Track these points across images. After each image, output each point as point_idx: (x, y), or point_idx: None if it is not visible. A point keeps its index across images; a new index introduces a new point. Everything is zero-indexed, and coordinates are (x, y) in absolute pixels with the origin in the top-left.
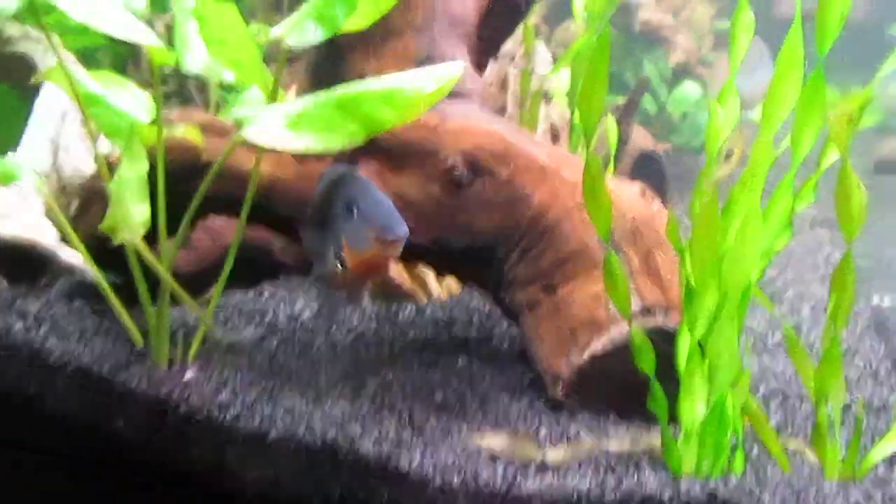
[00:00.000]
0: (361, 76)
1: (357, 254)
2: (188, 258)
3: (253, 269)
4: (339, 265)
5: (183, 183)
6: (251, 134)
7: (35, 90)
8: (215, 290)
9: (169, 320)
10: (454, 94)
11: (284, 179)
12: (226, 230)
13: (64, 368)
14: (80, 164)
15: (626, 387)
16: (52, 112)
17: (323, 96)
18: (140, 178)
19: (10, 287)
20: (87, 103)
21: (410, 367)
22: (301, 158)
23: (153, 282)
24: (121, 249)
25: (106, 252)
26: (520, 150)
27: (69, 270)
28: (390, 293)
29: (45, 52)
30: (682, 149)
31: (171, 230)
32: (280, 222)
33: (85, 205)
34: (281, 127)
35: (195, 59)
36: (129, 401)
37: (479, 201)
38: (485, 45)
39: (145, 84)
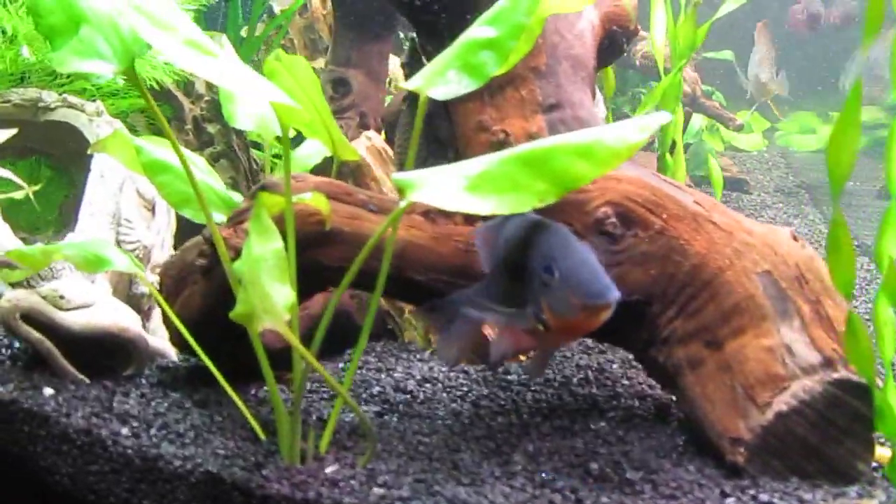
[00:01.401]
0: (480, 128)
1: (560, 318)
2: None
3: (340, 336)
4: (540, 326)
5: (307, 252)
6: (425, 196)
7: (74, 156)
8: (352, 361)
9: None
10: None
11: (418, 243)
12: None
13: (187, 477)
14: (142, 236)
15: (807, 447)
16: (108, 184)
17: (503, 154)
18: (277, 254)
19: (95, 381)
20: (152, 172)
21: (547, 435)
22: (434, 219)
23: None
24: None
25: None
26: (669, 196)
27: (153, 357)
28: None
29: (87, 119)
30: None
31: None
32: (412, 289)
33: (179, 284)
34: (459, 189)
35: (247, 114)
36: None
37: (633, 254)
38: None
39: (191, 146)
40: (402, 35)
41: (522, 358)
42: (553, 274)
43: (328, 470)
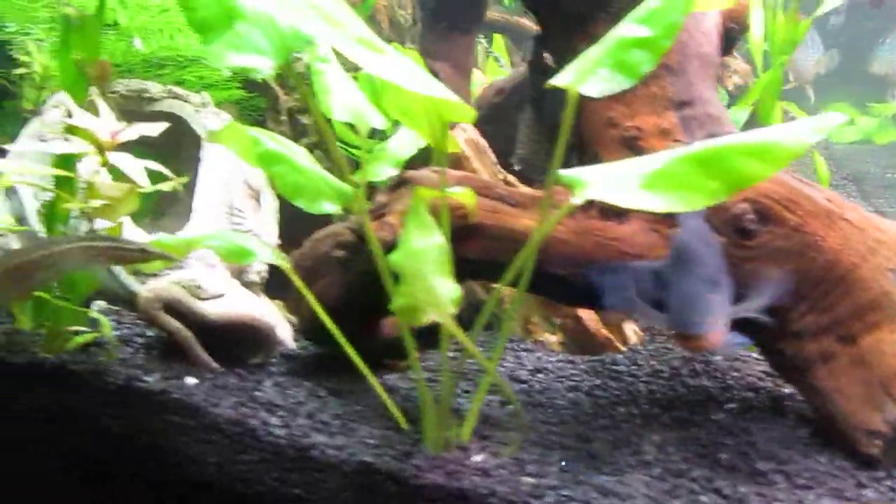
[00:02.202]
0: (610, 124)
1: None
2: (392, 321)
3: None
4: None
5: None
6: (599, 193)
7: (177, 147)
8: (496, 350)
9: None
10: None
11: (560, 238)
12: None
13: (340, 466)
14: (253, 226)
15: None
16: (221, 174)
17: (677, 153)
18: (440, 248)
19: (228, 370)
20: (267, 163)
21: (668, 426)
22: (573, 214)
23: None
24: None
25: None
26: (803, 194)
27: (281, 346)
28: (585, 342)
29: (192, 110)
30: None
31: None
32: (551, 283)
33: (313, 275)
34: (635, 186)
35: (343, 105)
36: (424, 498)
37: (767, 250)
38: None
39: (286, 137)
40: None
41: (622, 348)
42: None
43: (476, 459)
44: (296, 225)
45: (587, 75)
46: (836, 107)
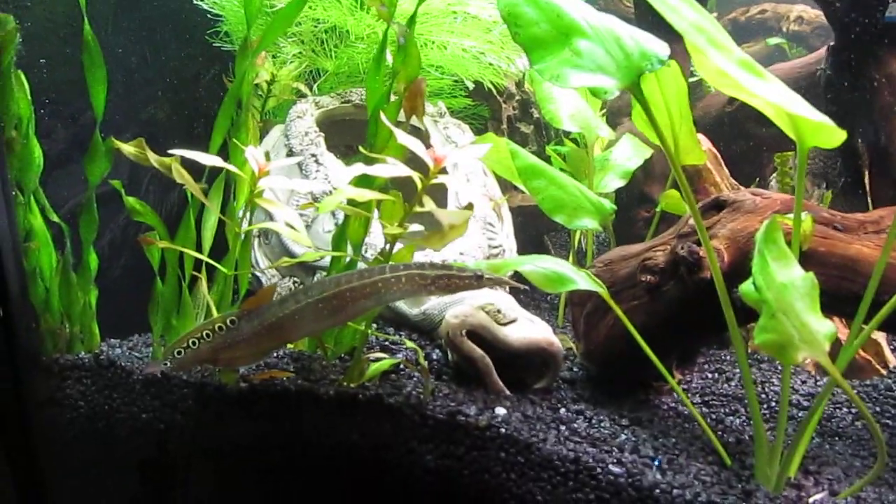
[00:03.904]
0: None
1: None
2: None
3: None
4: None
5: None
6: None
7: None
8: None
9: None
10: None
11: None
12: None
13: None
14: (502, 240)
15: None
16: (475, 187)
17: None
18: (807, 282)
19: (522, 397)
20: (527, 176)
21: None
22: None
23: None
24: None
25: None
26: None
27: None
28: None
29: (431, 120)
30: None
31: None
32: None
33: (615, 297)
34: None
35: (570, 115)
36: None
37: None
38: None
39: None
40: None
41: (883, 371)
42: None
43: (816, 498)
44: None
45: None
46: None
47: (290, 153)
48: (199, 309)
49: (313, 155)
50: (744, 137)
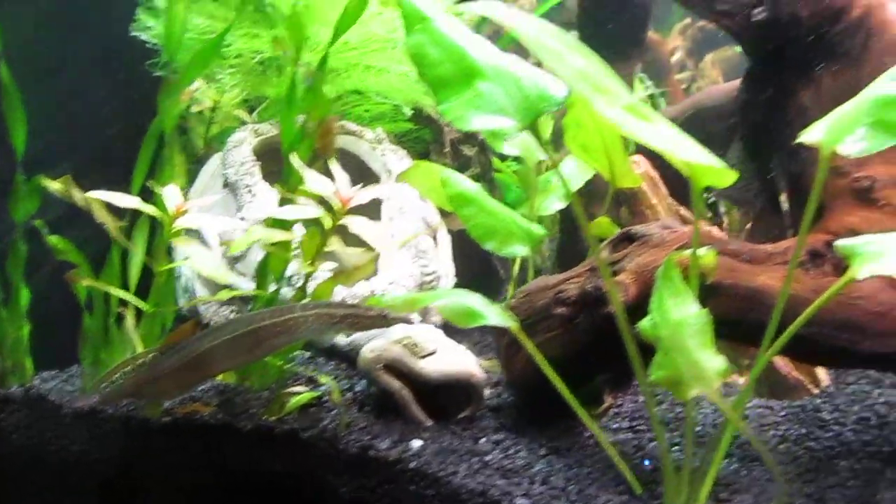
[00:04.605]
0: (837, 174)
1: None
2: None
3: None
4: None
5: None
6: (884, 268)
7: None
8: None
9: None
10: None
11: (801, 296)
12: None
13: None
14: (436, 267)
15: None
16: (409, 216)
17: None
18: (700, 318)
19: (441, 426)
20: (458, 204)
21: None
22: (808, 270)
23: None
24: None
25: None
26: None
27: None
28: (775, 384)
29: (368, 146)
30: None
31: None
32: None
33: (528, 330)
34: None
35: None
36: None
37: None
38: None
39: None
40: None
41: (815, 390)
42: None
43: None
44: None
45: (843, 133)
46: None
47: (227, 183)
48: (128, 343)
49: (247, 185)
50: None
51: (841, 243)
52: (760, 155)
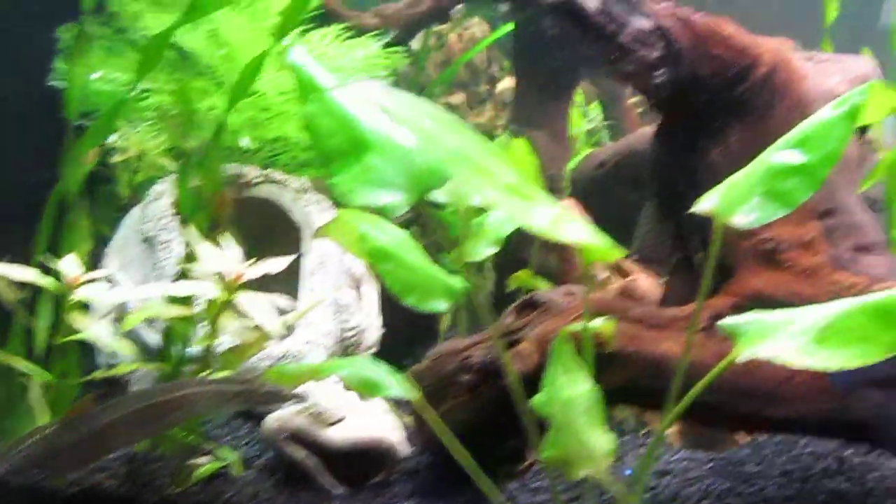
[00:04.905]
0: (744, 234)
1: None
2: None
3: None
4: None
5: None
6: (768, 352)
7: (274, 233)
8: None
9: None
10: (866, 249)
11: (704, 363)
12: None
13: None
14: (358, 321)
15: None
16: (329, 270)
17: (848, 304)
18: (590, 397)
19: (353, 493)
20: (377, 259)
21: None
22: (711, 335)
23: None
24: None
25: None
26: None
27: (399, 464)
28: (703, 436)
29: (292, 197)
30: None
31: None
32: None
33: (434, 396)
34: (807, 342)
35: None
36: None
37: None
38: None
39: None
40: None
41: (740, 441)
42: None
43: None
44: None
45: (737, 204)
46: None
47: (145, 237)
48: (36, 413)
49: (164, 241)
50: (615, 201)
51: (725, 322)
52: (673, 213)
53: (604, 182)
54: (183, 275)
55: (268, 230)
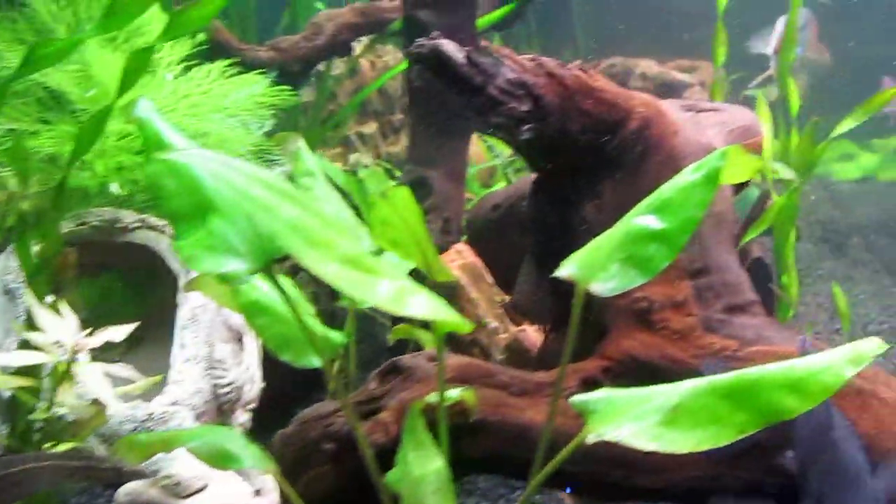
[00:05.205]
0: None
1: None
2: None
3: None
4: None
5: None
6: (617, 434)
7: (151, 278)
8: None
9: None
10: (739, 309)
11: (569, 433)
12: None
13: None
14: (235, 377)
15: None
16: (202, 325)
17: (698, 385)
18: (439, 476)
19: None
20: (250, 314)
21: None
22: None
23: None
24: None
25: None
26: None
27: None
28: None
29: (168, 243)
30: None
31: None
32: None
33: (300, 463)
34: (656, 424)
35: None
36: None
37: None
38: None
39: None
40: None
41: None
42: None
43: None
44: None
45: (597, 271)
46: (840, 145)
47: (6, 290)
48: None
49: (23, 294)
50: (508, 244)
51: (576, 399)
52: (550, 268)
53: (498, 225)
54: (25, 343)
55: (151, 275)
